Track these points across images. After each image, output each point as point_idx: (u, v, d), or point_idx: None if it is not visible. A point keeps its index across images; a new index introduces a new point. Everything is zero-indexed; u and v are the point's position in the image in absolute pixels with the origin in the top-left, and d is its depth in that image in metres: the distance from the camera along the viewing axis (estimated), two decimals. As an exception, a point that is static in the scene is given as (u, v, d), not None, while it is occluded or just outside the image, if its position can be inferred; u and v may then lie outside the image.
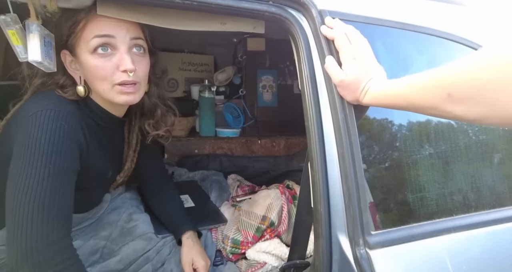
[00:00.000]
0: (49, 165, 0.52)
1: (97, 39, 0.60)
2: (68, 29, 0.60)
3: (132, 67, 0.61)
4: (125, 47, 0.62)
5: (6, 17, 0.52)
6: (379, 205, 0.59)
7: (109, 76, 0.61)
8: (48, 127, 0.53)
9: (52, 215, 0.51)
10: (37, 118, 0.54)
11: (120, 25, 0.61)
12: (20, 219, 0.50)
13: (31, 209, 0.50)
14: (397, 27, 0.64)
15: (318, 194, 0.60)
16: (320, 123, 0.61)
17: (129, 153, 0.81)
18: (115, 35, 0.61)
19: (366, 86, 0.55)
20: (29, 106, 0.58)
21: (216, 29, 0.68)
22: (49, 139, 0.53)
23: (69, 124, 0.57)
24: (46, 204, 0.51)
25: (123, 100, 0.64)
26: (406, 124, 0.63)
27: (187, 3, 0.57)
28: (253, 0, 0.60)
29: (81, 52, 0.62)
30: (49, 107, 0.56)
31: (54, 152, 0.53)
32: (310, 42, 0.63)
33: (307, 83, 0.62)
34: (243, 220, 0.92)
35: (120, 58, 0.61)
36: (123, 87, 0.62)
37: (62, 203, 0.53)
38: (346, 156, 0.58)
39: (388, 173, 0.61)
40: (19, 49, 0.54)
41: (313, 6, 0.61)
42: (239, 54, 1.55)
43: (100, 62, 0.60)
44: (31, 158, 0.52)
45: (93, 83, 0.63)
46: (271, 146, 1.54)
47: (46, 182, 0.52)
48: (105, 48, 0.61)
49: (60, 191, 0.53)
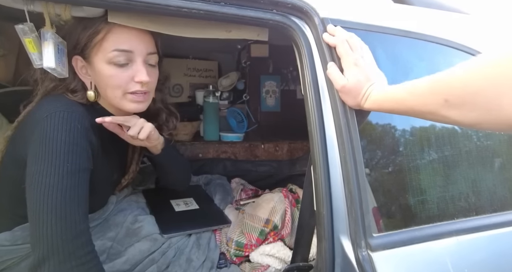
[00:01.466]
0: (67, 164, 0.54)
1: (116, 53, 0.62)
2: (87, 38, 0.63)
3: (147, 79, 0.64)
4: (141, 59, 0.65)
5: (24, 26, 0.54)
6: (381, 208, 0.60)
7: (123, 85, 0.64)
8: (63, 127, 0.55)
9: (74, 211, 0.53)
10: (52, 119, 0.56)
11: (139, 41, 0.64)
12: (44, 216, 0.52)
13: (54, 206, 0.52)
14: (398, 34, 0.66)
15: (320, 197, 0.62)
16: (323, 127, 0.62)
17: (134, 156, 0.83)
18: (134, 50, 0.64)
19: (367, 92, 0.56)
20: (42, 108, 0.60)
21: (222, 36, 0.70)
22: (65, 139, 0.55)
23: (82, 125, 0.58)
24: (67, 200, 0.53)
25: (133, 108, 0.66)
26: (408, 128, 0.64)
27: (194, 12, 0.59)
28: (257, 8, 0.62)
29: (97, 60, 0.64)
30: (62, 108, 0.58)
31: (71, 152, 0.55)
32: (312, 49, 0.65)
33: (309, 89, 0.64)
34: (247, 223, 0.93)
35: (136, 69, 0.64)
36: (134, 96, 0.65)
37: (81, 199, 0.55)
38: (348, 160, 0.59)
39: (390, 177, 0.62)
40: (35, 56, 0.57)
41: (315, 14, 0.64)
42: (243, 60, 1.58)
43: (116, 72, 0.63)
44: (49, 157, 0.54)
45: (105, 90, 0.66)
46: (274, 151, 1.56)
47: (66, 180, 0.54)
48: (122, 60, 0.64)
49: (79, 188, 0.55)
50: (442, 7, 0.80)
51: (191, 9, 0.58)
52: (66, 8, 0.58)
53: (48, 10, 0.57)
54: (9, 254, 0.67)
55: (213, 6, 0.60)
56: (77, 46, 0.64)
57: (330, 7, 0.66)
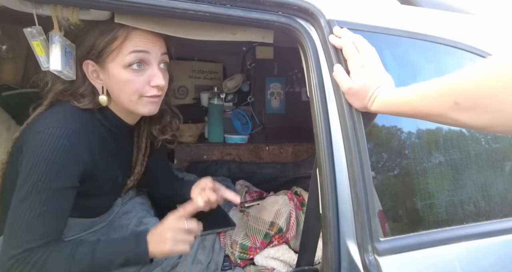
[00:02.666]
0: (39, 182, 0.55)
1: (133, 54, 0.63)
2: (105, 43, 0.63)
3: (163, 83, 0.66)
4: (156, 63, 0.66)
5: (32, 29, 0.55)
6: (388, 212, 0.59)
7: (139, 89, 0.65)
8: (49, 145, 0.56)
9: (31, 229, 0.55)
10: (42, 135, 0.57)
11: (154, 42, 0.65)
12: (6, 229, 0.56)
13: (13, 220, 0.55)
14: (404, 36, 0.65)
15: (326, 200, 0.61)
16: (329, 129, 0.62)
17: (139, 157, 0.83)
18: (150, 51, 0.65)
19: (374, 94, 0.56)
20: (41, 121, 0.61)
21: (227, 38, 0.70)
22: (46, 157, 0.56)
23: (71, 143, 0.58)
24: (25, 219, 0.54)
25: (147, 110, 0.68)
26: (415, 131, 0.63)
27: (200, 14, 0.59)
28: (263, 10, 0.62)
29: (112, 65, 0.64)
30: (57, 124, 0.59)
31: (47, 171, 0.56)
32: (318, 51, 0.64)
33: (315, 91, 0.63)
34: (252, 225, 0.92)
35: (152, 73, 0.65)
36: (150, 98, 0.66)
37: (41, 220, 0.56)
38: (355, 163, 0.59)
39: (396, 180, 0.62)
40: (42, 59, 0.57)
41: (321, 16, 0.63)
42: (247, 62, 1.58)
43: (133, 77, 0.64)
44: (26, 173, 0.56)
45: (119, 95, 0.66)
46: (278, 153, 1.55)
47: (31, 198, 0.55)
48: (139, 64, 0.64)
49: (43, 208, 0.55)
50: (449, 7, 0.79)
51: (197, 11, 0.59)
52: (73, 11, 0.59)
53: (56, 13, 0.57)
54: None
55: (219, 8, 0.60)
56: (92, 51, 0.64)
57: (336, 8, 0.65)
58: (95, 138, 0.66)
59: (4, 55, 1.01)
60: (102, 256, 0.58)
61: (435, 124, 0.62)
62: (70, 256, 0.56)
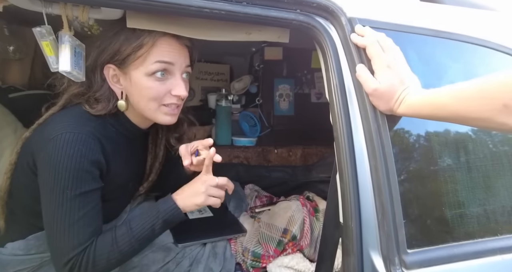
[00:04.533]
0: (67, 190, 0.56)
1: (158, 64, 0.63)
2: (131, 50, 0.62)
3: (185, 93, 0.66)
4: (179, 73, 0.66)
5: (41, 28, 0.53)
6: (415, 221, 0.55)
7: (160, 97, 0.64)
8: (66, 152, 0.56)
9: (70, 236, 0.56)
10: (56, 142, 0.56)
11: (180, 53, 0.65)
12: (48, 236, 0.58)
13: (54, 229, 0.56)
14: (429, 34, 0.62)
15: (348, 208, 0.58)
16: (350, 133, 0.58)
17: (155, 165, 0.82)
18: (175, 62, 0.64)
19: (401, 96, 0.52)
20: (50, 126, 0.60)
21: (242, 39, 0.67)
22: (67, 165, 0.56)
23: (86, 146, 0.58)
24: (66, 226, 0.56)
25: (167, 120, 0.67)
26: (442, 135, 0.60)
27: (215, 12, 0.56)
28: (280, 8, 0.59)
29: (135, 72, 0.63)
30: (68, 129, 0.58)
31: (71, 178, 0.56)
32: (338, 50, 0.61)
33: (335, 92, 0.60)
34: (264, 232, 0.89)
35: (175, 83, 0.65)
36: (169, 109, 0.66)
37: (83, 222, 0.57)
38: (380, 169, 0.55)
39: (423, 188, 0.58)
40: (52, 59, 0.55)
41: (342, 14, 0.60)
42: (256, 63, 1.56)
43: (155, 85, 0.63)
44: (51, 183, 0.56)
45: (138, 102, 0.65)
46: (287, 156, 1.52)
47: (65, 205, 0.56)
48: (162, 74, 0.64)
49: (79, 213, 0.57)
50: (471, 4, 0.75)
51: (212, 9, 0.56)
52: (84, 10, 0.56)
53: (66, 12, 0.55)
54: (22, 264, 0.65)
55: (235, 6, 0.57)
56: (117, 56, 0.63)
57: (356, 6, 0.62)
58: (107, 142, 0.64)
59: (11, 56, 0.99)
60: (140, 229, 0.60)
61: (464, 127, 0.59)
62: (114, 241, 0.59)
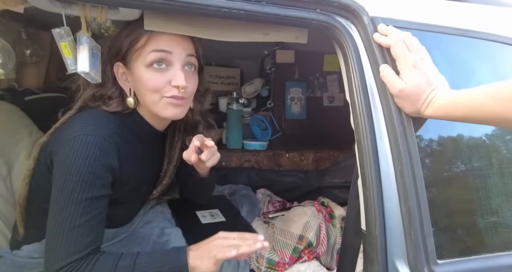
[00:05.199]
0: (74, 193, 0.55)
1: (154, 54, 0.61)
2: (128, 44, 0.62)
3: (184, 83, 0.62)
4: (179, 64, 0.63)
5: (60, 30, 0.53)
6: (445, 230, 0.52)
7: (160, 89, 0.62)
8: (82, 154, 0.55)
9: (69, 242, 0.54)
10: (73, 143, 0.56)
11: (178, 42, 0.63)
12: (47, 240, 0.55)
13: (54, 232, 0.54)
14: (455, 33, 0.59)
15: (372, 215, 0.55)
16: (374, 136, 0.56)
17: (170, 168, 0.80)
18: (172, 51, 0.62)
19: (429, 97, 0.50)
20: (70, 128, 0.60)
21: (259, 39, 0.66)
22: (80, 167, 0.55)
23: (101, 150, 0.57)
24: (66, 230, 0.54)
25: (170, 113, 0.64)
26: (472, 138, 0.57)
27: (234, 12, 0.55)
28: (300, 8, 0.58)
29: (136, 66, 0.63)
30: (87, 131, 0.57)
31: (81, 180, 0.55)
32: (360, 50, 0.59)
33: (358, 94, 0.58)
34: (278, 239, 0.86)
35: (174, 74, 0.62)
36: (171, 99, 0.63)
37: (83, 229, 0.55)
38: (406, 174, 0.53)
39: (452, 194, 0.55)
40: (69, 61, 0.55)
41: (364, 13, 0.58)
42: (267, 67, 1.54)
43: (154, 76, 0.62)
44: (61, 183, 0.55)
45: (143, 96, 0.64)
46: (299, 160, 1.49)
47: (69, 209, 0.54)
48: (160, 63, 0.62)
49: (81, 218, 0.55)
50: (496, 2, 0.72)
51: (231, 9, 0.55)
52: (102, 11, 0.56)
53: (85, 13, 0.55)
54: (37, 267, 0.64)
55: (254, 5, 0.56)
56: (119, 52, 0.64)
57: (378, 5, 0.60)
58: (124, 144, 0.64)
59: (28, 60, 1.01)
60: (143, 270, 0.57)
61: (496, 129, 0.56)
62: (113, 269, 0.56)
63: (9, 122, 0.85)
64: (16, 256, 0.66)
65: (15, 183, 0.78)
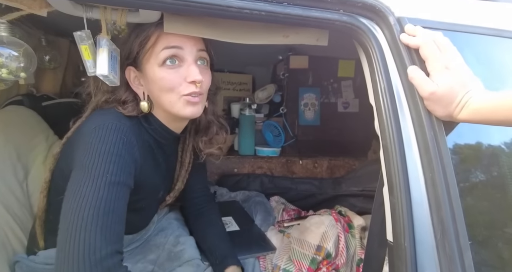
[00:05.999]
0: (107, 174, 0.50)
1: (166, 51, 0.60)
2: (139, 45, 0.61)
3: (200, 77, 0.60)
4: (192, 59, 0.62)
5: (81, 33, 0.53)
6: (483, 243, 0.48)
7: (176, 87, 0.61)
8: (109, 138, 0.53)
9: (106, 227, 0.48)
10: (99, 131, 0.54)
11: (188, 37, 0.61)
12: (74, 229, 0.46)
13: (85, 218, 0.47)
14: (489, 34, 0.56)
15: (400, 225, 0.51)
16: (401, 142, 0.53)
17: (181, 173, 0.79)
18: (183, 46, 0.61)
19: (464, 99, 0.47)
20: (91, 121, 0.58)
21: (279, 42, 0.64)
22: (109, 149, 0.52)
23: (128, 138, 0.56)
24: (100, 214, 0.48)
25: (189, 112, 0.62)
26: (509, 143, 0.53)
27: (255, 13, 0.54)
28: (323, 8, 0.56)
29: (149, 66, 0.62)
30: (111, 121, 0.56)
31: (112, 162, 0.52)
32: (385, 52, 0.57)
33: (384, 97, 0.55)
34: (295, 249, 0.83)
35: (188, 69, 0.61)
36: (189, 97, 0.61)
37: (116, 216, 0.50)
38: (438, 182, 0.49)
39: (489, 204, 0.51)
40: (89, 63, 0.54)
41: (390, 13, 0.56)
42: (280, 72, 1.53)
43: (168, 74, 0.60)
44: (89, 166, 0.51)
45: (159, 97, 0.62)
46: (312, 167, 1.46)
47: (103, 191, 0.49)
48: (173, 60, 0.61)
49: (115, 203, 0.50)
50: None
51: (252, 10, 0.53)
52: (122, 13, 0.55)
53: (106, 16, 0.54)
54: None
55: (276, 6, 0.54)
56: (130, 55, 0.63)
57: (404, 5, 0.58)
58: (142, 146, 0.62)
59: (47, 66, 1.02)
60: None
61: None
62: None
63: (27, 127, 0.85)
64: (32, 261, 0.65)
65: (31, 187, 0.78)
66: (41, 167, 0.81)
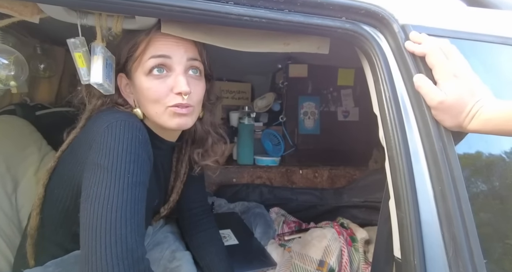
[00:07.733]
0: (128, 175, 0.48)
1: (153, 60, 0.57)
2: (127, 52, 0.58)
3: (187, 89, 0.56)
4: (181, 69, 0.58)
5: (75, 40, 0.51)
6: (499, 262, 0.45)
7: (162, 98, 0.57)
8: (125, 136, 0.50)
9: (134, 229, 0.46)
10: (113, 129, 0.50)
11: (178, 45, 0.58)
12: (102, 233, 0.44)
13: (114, 221, 0.44)
14: (496, 42, 0.55)
15: (409, 241, 0.49)
16: (408, 153, 0.51)
17: (176, 184, 0.75)
18: (171, 55, 0.57)
19: (474, 109, 0.45)
20: (100, 120, 0.54)
21: (279, 50, 0.63)
22: (127, 148, 0.49)
23: (143, 136, 0.53)
24: (128, 217, 0.46)
25: (175, 123, 0.59)
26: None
27: (256, 20, 0.52)
28: (325, 16, 0.55)
29: (137, 75, 0.59)
30: (123, 118, 0.53)
31: (132, 162, 0.49)
32: (389, 60, 0.55)
33: (389, 107, 0.53)
34: (297, 264, 0.79)
35: (175, 79, 0.57)
36: (176, 108, 0.57)
37: (141, 218, 0.48)
38: (448, 195, 0.47)
39: (504, 220, 0.48)
40: (83, 71, 0.52)
41: (394, 20, 0.55)
42: (279, 81, 1.52)
43: (154, 84, 0.57)
44: (109, 167, 0.48)
45: (146, 107, 0.60)
46: (313, 177, 1.43)
47: (126, 193, 0.47)
48: (160, 70, 0.57)
49: (139, 205, 0.48)
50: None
51: (252, 17, 0.52)
52: (118, 20, 0.54)
53: (101, 23, 0.53)
54: None
55: (276, 13, 0.53)
56: (119, 62, 0.60)
57: (408, 12, 0.57)
58: None
59: (41, 74, 1.00)
60: None
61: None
62: None
63: (19, 136, 0.82)
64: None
65: (20, 201, 0.75)
66: (32, 179, 0.77)
